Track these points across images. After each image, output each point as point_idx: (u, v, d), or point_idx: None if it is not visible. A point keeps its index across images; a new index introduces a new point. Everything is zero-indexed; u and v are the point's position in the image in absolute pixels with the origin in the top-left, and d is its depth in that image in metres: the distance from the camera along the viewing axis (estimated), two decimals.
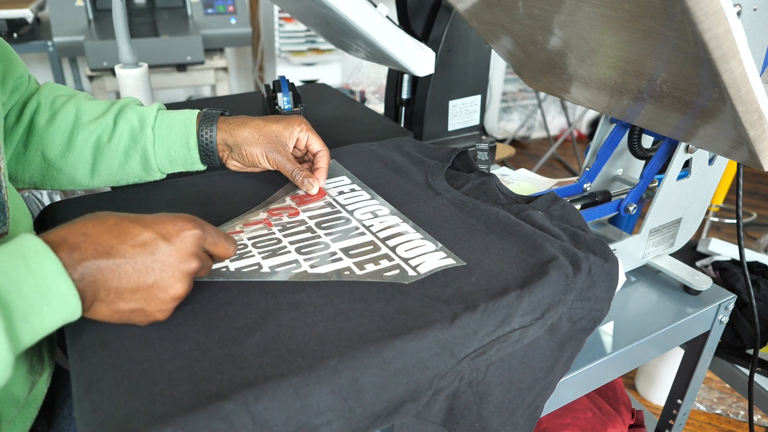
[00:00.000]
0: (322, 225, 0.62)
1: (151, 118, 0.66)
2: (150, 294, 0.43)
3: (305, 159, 0.72)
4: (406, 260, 0.55)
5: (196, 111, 0.68)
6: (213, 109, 0.68)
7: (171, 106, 1.04)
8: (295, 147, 0.69)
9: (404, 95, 1.03)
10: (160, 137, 0.66)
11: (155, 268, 0.42)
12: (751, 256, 1.36)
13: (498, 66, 3.06)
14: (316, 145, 0.69)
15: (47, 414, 0.61)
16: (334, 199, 0.67)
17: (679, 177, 0.67)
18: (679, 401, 0.78)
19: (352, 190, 0.69)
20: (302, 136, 0.68)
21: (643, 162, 0.77)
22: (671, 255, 0.75)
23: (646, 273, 0.75)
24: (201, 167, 0.69)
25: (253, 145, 0.66)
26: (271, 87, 0.85)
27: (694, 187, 0.70)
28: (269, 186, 0.70)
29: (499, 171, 0.94)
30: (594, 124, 3.29)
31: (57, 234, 0.40)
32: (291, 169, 0.67)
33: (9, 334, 0.36)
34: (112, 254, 0.41)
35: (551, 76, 0.70)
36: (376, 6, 0.78)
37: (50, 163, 0.65)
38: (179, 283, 0.44)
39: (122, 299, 0.42)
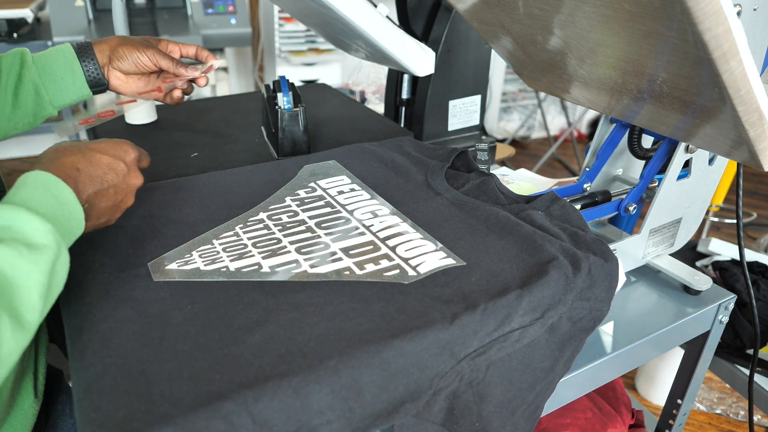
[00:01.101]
0: (322, 225, 0.62)
1: (28, 55, 0.67)
2: (116, 207, 0.54)
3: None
4: (406, 260, 0.55)
5: (65, 45, 0.70)
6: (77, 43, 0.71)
7: (170, 107, 1.04)
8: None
9: (404, 95, 1.03)
10: (43, 69, 0.67)
11: (122, 186, 0.53)
12: (751, 256, 1.36)
13: (498, 66, 3.06)
14: (189, 49, 0.74)
15: (47, 415, 0.61)
16: (334, 199, 0.67)
17: (679, 177, 0.67)
18: (679, 401, 0.78)
19: (352, 190, 0.69)
20: (172, 47, 0.73)
21: (643, 162, 0.77)
22: (671, 255, 0.75)
23: (646, 273, 0.75)
24: (88, 92, 0.70)
25: (128, 43, 0.69)
26: (271, 87, 0.85)
27: (694, 187, 0.70)
28: (269, 186, 0.70)
29: (499, 171, 0.94)
30: (594, 124, 3.29)
31: (57, 170, 0.48)
32: (170, 62, 0.70)
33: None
34: (101, 183, 0.51)
35: (551, 76, 0.70)
36: (376, 6, 0.78)
37: None
38: (130, 196, 0.55)
39: (103, 215, 0.52)
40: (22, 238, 0.40)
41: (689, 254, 1.45)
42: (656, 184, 0.72)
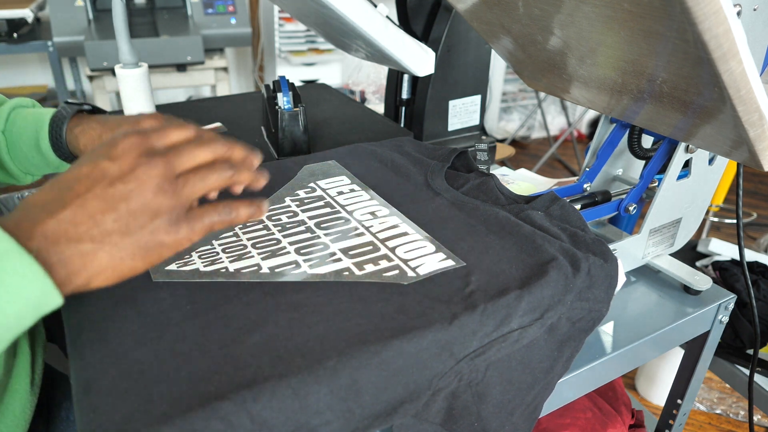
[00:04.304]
0: (322, 225, 0.62)
1: (0, 121, 0.60)
2: (128, 212, 0.38)
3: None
4: (405, 261, 0.55)
5: (52, 111, 0.60)
6: (71, 103, 0.60)
7: (171, 107, 1.04)
8: None
9: (404, 95, 1.03)
10: (12, 142, 0.60)
11: (110, 189, 0.38)
12: (751, 256, 1.36)
13: (498, 66, 3.06)
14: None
15: (45, 417, 0.61)
16: (334, 200, 0.67)
17: (679, 177, 0.67)
18: (679, 401, 0.78)
19: (352, 191, 0.69)
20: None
21: (643, 162, 0.77)
22: (671, 255, 0.75)
23: (646, 273, 0.75)
24: (60, 165, 0.61)
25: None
26: (271, 87, 0.85)
27: (694, 187, 0.70)
28: (269, 186, 0.70)
29: (499, 171, 0.94)
30: (594, 124, 3.29)
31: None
32: None
33: None
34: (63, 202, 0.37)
35: (551, 76, 0.70)
36: (376, 6, 0.78)
37: None
38: (140, 185, 0.39)
39: (109, 232, 0.38)
40: None
41: (689, 254, 1.45)
42: (656, 184, 0.72)
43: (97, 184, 0.36)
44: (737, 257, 1.35)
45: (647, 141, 0.76)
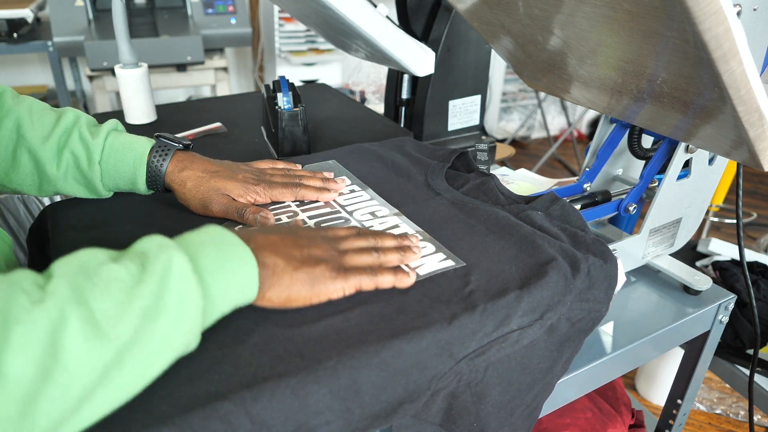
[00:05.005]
0: (322, 225, 0.62)
1: (97, 152, 0.63)
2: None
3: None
4: None
5: (149, 145, 0.65)
6: (168, 140, 0.66)
7: (170, 107, 1.04)
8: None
9: (404, 95, 1.03)
10: (107, 172, 0.64)
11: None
12: (751, 256, 1.36)
13: (498, 66, 3.06)
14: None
15: None
16: (334, 199, 0.67)
17: (679, 177, 0.67)
18: (679, 401, 0.78)
19: (352, 191, 0.69)
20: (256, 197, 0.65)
21: (643, 162, 0.77)
22: (671, 255, 0.75)
23: (646, 273, 0.75)
24: (148, 193, 0.67)
25: (192, 199, 0.63)
26: (271, 87, 0.85)
27: (694, 187, 0.70)
28: None
29: (499, 171, 0.94)
30: (594, 124, 3.29)
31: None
32: (236, 208, 0.62)
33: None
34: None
35: (551, 76, 0.70)
36: (376, 6, 0.78)
37: None
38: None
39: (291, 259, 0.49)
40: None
41: (689, 254, 1.45)
42: (656, 184, 0.72)
43: (293, 234, 0.51)
44: (737, 257, 1.35)
45: (647, 141, 0.76)
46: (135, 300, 0.37)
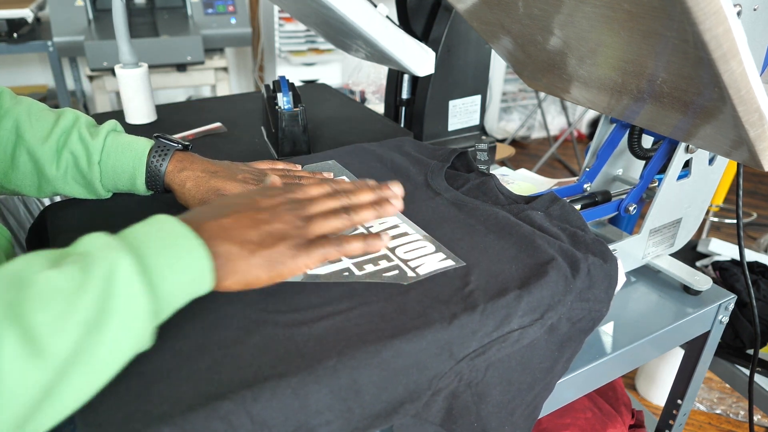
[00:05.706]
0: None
1: (96, 153, 0.63)
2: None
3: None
4: (405, 261, 0.55)
5: (148, 146, 0.65)
6: (167, 140, 0.66)
7: (170, 107, 1.04)
8: None
9: (404, 95, 1.03)
10: (107, 173, 0.64)
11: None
12: (751, 256, 1.36)
13: (498, 66, 3.06)
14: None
15: None
16: None
17: (679, 177, 0.67)
18: (679, 401, 0.78)
19: None
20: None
21: (643, 162, 0.77)
22: (671, 255, 0.75)
23: (646, 273, 0.75)
24: (147, 193, 0.67)
25: (191, 199, 0.64)
26: (271, 87, 0.85)
27: (694, 187, 0.70)
28: None
29: (499, 171, 0.94)
30: (594, 124, 3.29)
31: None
32: None
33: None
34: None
35: (551, 76, 0.70)
36: (376, 6, 0.78)
37: None
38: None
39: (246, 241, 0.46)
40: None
41: (689, 254, 1.45)
42: (656, 184, 0.72)
43: (250, 209, 0.47)
44: (737, 257, 1.35)
45: (647, 141, 0.76)
46: (76, 311, 0.34)
